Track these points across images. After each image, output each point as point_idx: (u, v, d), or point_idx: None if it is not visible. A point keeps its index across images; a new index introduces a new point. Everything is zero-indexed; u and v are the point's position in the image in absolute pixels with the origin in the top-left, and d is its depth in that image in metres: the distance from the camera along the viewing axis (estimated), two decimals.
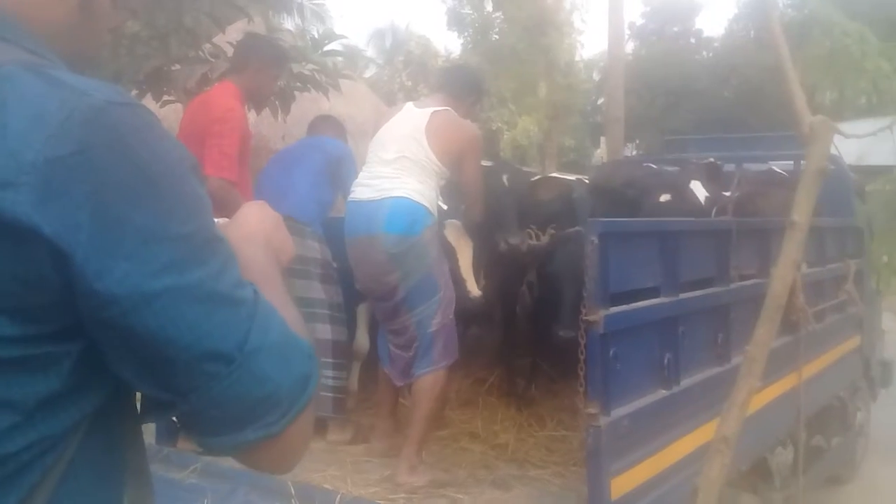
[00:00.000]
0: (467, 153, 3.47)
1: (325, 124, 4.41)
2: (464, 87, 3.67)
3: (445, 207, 3.79)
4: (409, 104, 3.63)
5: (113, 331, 0.78)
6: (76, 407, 0.81)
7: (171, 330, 0.78)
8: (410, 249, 3.28)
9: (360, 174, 3.52)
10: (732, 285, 3.24)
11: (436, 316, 3.35)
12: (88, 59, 0.98)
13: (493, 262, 3.87)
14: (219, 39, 5.14)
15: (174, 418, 0.86)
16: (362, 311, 4.12)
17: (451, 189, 3.76)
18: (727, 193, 4.41)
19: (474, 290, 3.61)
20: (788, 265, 2.61)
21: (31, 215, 0.73)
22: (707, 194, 4.09)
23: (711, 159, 4.67)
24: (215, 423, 0.83)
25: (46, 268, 0.75)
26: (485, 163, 3.92)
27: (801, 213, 2.62)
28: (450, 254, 3.59)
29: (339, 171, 3.97)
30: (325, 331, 3.76)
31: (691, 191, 4.04)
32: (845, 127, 3.05)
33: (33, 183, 0.74)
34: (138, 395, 0.89)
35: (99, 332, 0.79)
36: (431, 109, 3.46)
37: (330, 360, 3.74)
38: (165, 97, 5.06)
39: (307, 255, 3.75)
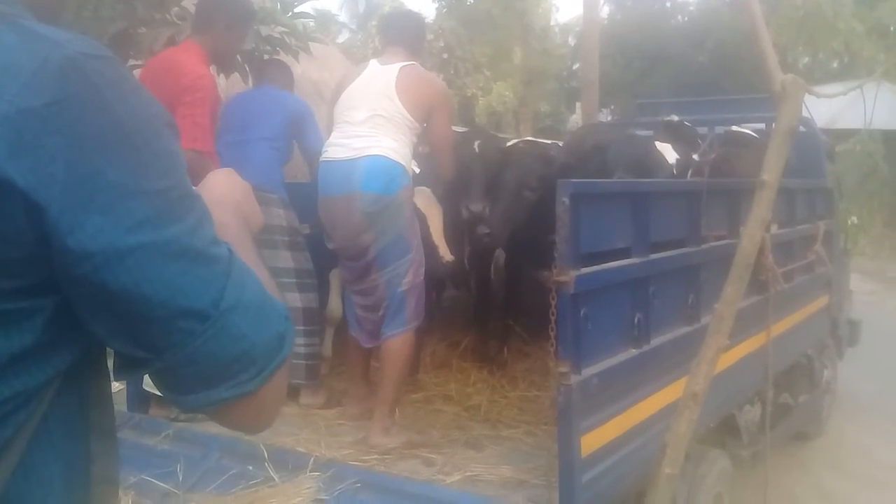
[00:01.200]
0: (437, 107, 3.46)
1: (276, 71, 4.22)
2: (415, 34, 3.66)
3: (418, 170, 3.77)
4: (373, 61, 3.59)
5: (86, 287, 0.77)
6: (49, 363, 0.80)
7: (146, 286, 0.77)
8: (386, 208, 3.28)
9: (333, 134, 3.48)
10: (703, 246, 3.26)
11: (406, 275, 3.36)
12: (53, 11, 0.95)
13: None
14: (186, 2, 5.03)
15: (147, 377, 0.86)
16: (335, 277, 4.11)
17: (426, 154, 3.75)
18: (695, 156, 4.43)
19: (447, 255, 3.62)
20: (758, 224, 2.64)
21: (5, 167, 0.72)
22: (677, 156, 4.10)
23: (675, 118, 4.67)
24: (190, 380, 0.83)
25: (20, 221, 0.74)
26: (459, 129, 3.90)
27: (771, 172, 2.64)
28: (420, 220, 3.58)
29: (299, 130, 3.91)
30: (293, 299, 3.74)
31: (659, 153, 4.04)
32: (817, 90, 3.07)
33: (5, 135, 0.72)
34: (111, 352, 0.88)
35: (72, 288, 0.78)
36: (398, 65, 3.43)
37: (301, 328, 3.72)
38: (131, 61, 4.95)
39: (272, 224, 3.69)
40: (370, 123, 3.35)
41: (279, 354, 0.87)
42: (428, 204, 3.75)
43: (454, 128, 3.78)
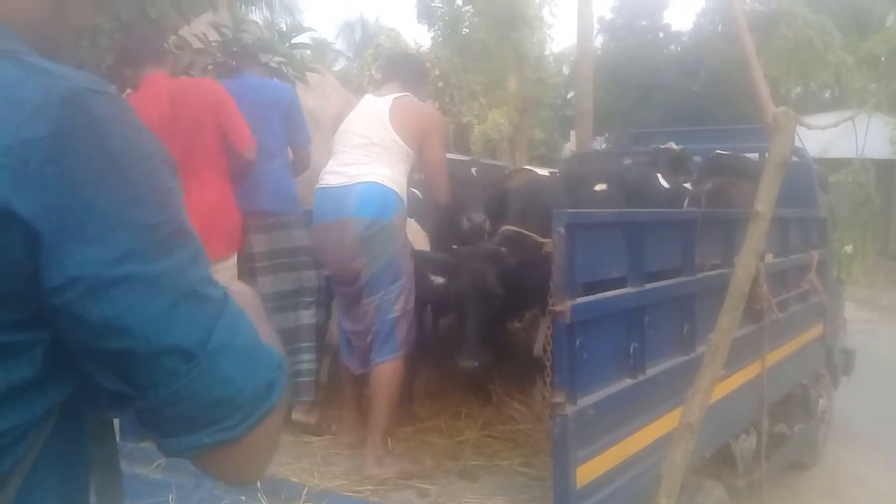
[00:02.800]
0: (430, 133, 3.51)
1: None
2: (414, 75, 3.72)
3: (420, 195, 3.80)
4: (368, 95, 3.69)
5: (70, 318, 0.77)
6: (47, 396, 0.80)
7: (129, 319, 0.77)
8: (379, 234, 3.30)
9: (329, 163, 3.52)
10: (698, 275, 3.28)
11: (398, 301, 3.36)
12: (54, 52, 0.97)
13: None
14: (184, 31, 5.07)
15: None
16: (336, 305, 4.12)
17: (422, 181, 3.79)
18: (687, 185, 4.46)
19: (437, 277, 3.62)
20: (751, 254, 2.64)
21: (8, 197, 0.73)
22: (668, 185, 4.13)
23: (672, 145, 4.71)
24: (173, 422, 0.81)
25: (20, 252, 0.74)
26: (455, 156, 3.95)
27: (764, 203, 2.65)
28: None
29: (291, 124, 3.94)
30: (309, 315, 3.83)
31: (654, 178, 4.08)
32: (809, 120, 3.10)
33: (9, 165, 0.73)
34: None
35: (57, 319, 0.77)
36: (392, 96, 3.50)
37: (312, 344, 3.81)
38: (129, 90, 4.98)
39: (295, 246, 3.81)
40: (365, 151, 3.39)
41: (266, 402, 0.84)
42: (414, 232, 3.80)
43: (451, 155, 3.83)
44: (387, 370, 3.34)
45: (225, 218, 3.58)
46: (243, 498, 2.83)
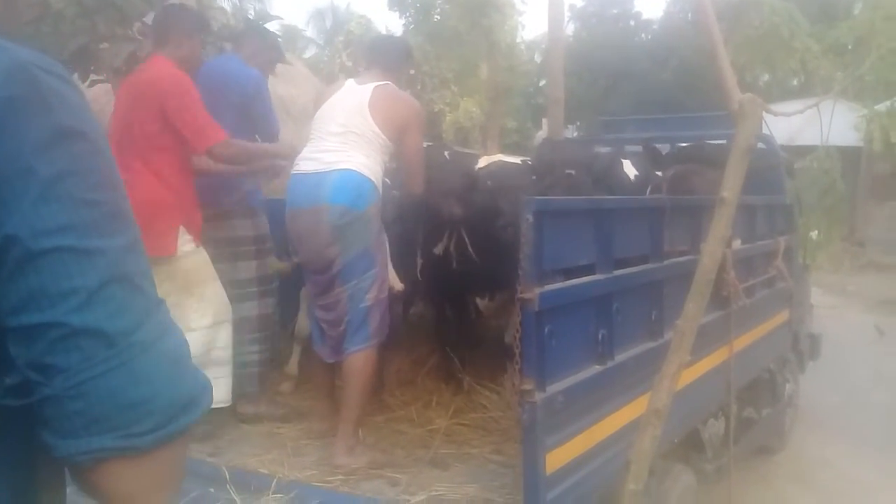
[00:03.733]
0: (410, 125, 3.49)
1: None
2: (396, 58, 3.68)
3: (390, 182, 3.78)
4: (350, 81, 3.62)
5: None
6: None
7: (53, 289, 0.73)
8: (353, 223, 3.28)
9: (305, 149, 3.48)
10: (665, 262, 3.29)
11: (371, 290, 3.35)
12: (3, 26, 0.94)
13: (429, 242, 3.87)
14: (148, 17, 4.98)
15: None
16: (305, 295, 4.08)
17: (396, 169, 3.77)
18: (659, 173, 4.49)
19: (397, 284, 3.61)
20: (718, 240, 2.66)
21: None
22: (637, 172, 4.15)
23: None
24: (74, 419, 0.74)
25: None
26: (426, 144, 3.92)
27: (730, 189, 2.67)
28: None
29: (258, 110, 3.87)
30: (252, 307, 3.81)
31: (620, 168, 4.09)
32: (775, 107, 3.12)
33: None
34: None
35: None
36: (373, 84, 3.46)
37: (256, 335, 3.81)
38: (93, 76, 4.89)
39: (237, 235, 3.76)
40: (342, 139, 3.36)
41: (184, 418, 0.79)
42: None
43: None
44: (359, 359, 3.33)
45: (160, 214, 3.37)
46: (212, 490, 2.81)
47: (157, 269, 3.39)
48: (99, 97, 6.93)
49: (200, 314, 3.46)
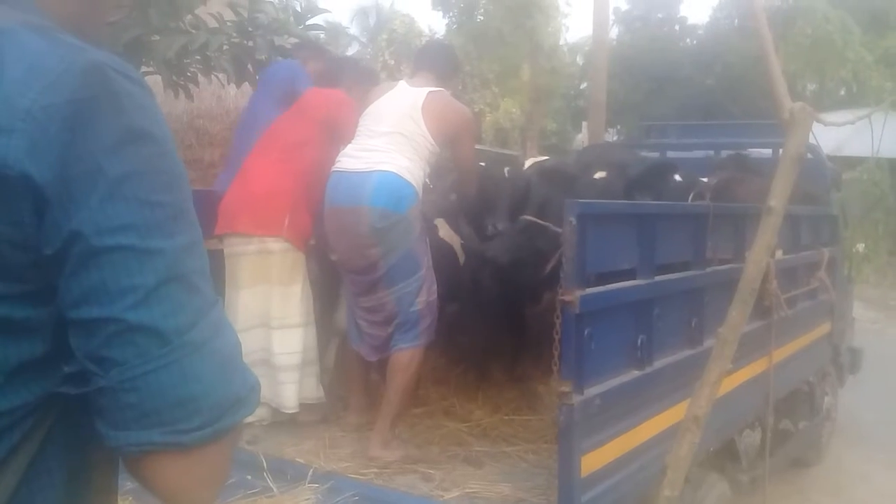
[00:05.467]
0: (463, 134, 3.53)
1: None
2: (448, 66, 3.70)
3: (431, 185, 3.81)
4: (402, 82, 3.64)
5: (60, 282, 0.76)
6: (47, 378, 0.80)
7: (113, 286, 0.76)
8: (394, 226, 3.27)
9: (349, 146, 3.47)
10: (708, 269, 3.27)
11: (420, 294, 3.35)
12: (84, 32, 0.98)
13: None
14: (200, 10, 5.07)
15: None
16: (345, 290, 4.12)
17: (440, 171, 3.83)
18: (705, 179, 4.45)
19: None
20: (763, 250, 2.64)
21: (24, 162, 0.73)
22: (679, 178, 4.12)
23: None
24: (126, 412, 0.77)
25: (29, 218, 0.75)
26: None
27: (778, 198, 2.65)
28: (450, 252, 3.81)
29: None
30: None
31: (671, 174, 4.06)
32: (825, 117, 3.09)
33: (28, 130, 0.74)
34: None
35: (48, 276, 0.77)
36: (427, 90, 3.46)
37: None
38: (144, 68, 4.99)
39: None
40: (388, 139, 3.36)
41: (230, 416, 0.81)
42: (450, 235, 3.88)
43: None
44: (405, 356, 3.35)
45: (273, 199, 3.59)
46: (249, 477, 2.86)
47: (260, 259, 3.53)
48: None
49: (287, 312, 3.55)
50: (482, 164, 4.45)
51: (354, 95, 3.82)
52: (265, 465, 2.91)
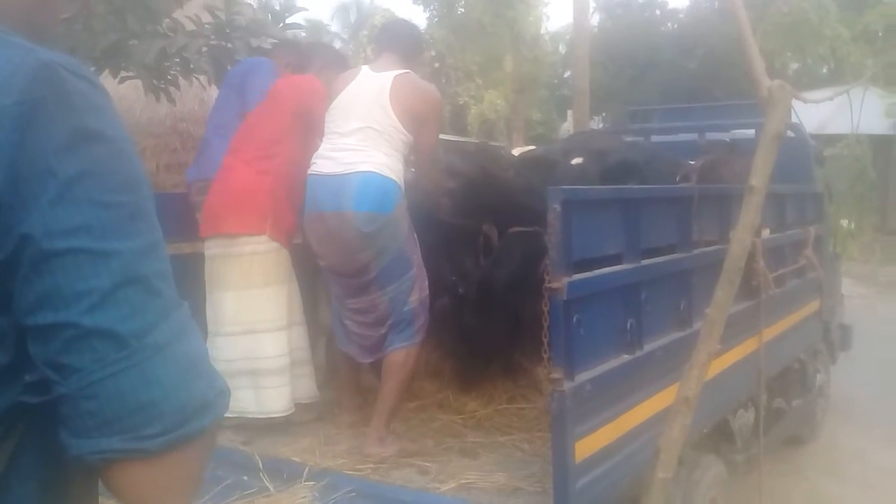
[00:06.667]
0: (430, 117, 3.37)
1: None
2: (412, 46, 3.55)
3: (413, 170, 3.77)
4: (365, 68, 3.45)
5: (15, 289, 0.75)
6: (19, 383, 0.79)
7: (67, 290, 0.74)
8: (383, 228, 3.19)
9: (322, 145, 3.37)
10: (694, 251, 3.28)
11: (412, 292, 3.32)
12: (39, 41, 0.96)
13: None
14: (178, 14, 5.05)
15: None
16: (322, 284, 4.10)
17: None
18: (692, 162, 4.47)
19: None
20: (747, 228, 2.66)
21: None
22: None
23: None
24: (86, 419, 0.75)
25: None
26: (452, 137, 3.94)
27: (759, 177, 2.66)
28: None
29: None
30: None
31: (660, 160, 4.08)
32: (805, 95, 3.10)
33: None
34: None
35: (4, 283, 0.75)
36: (393, 73, 3.31)
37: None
38: (123, 73, 4.96)
39: None
40: (360, 136, 3.23)
41: (195, 421, 0.78)
42: None
43: (445, 136, 3.81)
44: (401, 356, 3.31)
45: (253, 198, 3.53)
46: (245, 478, 2.86)
47: (240, 260, 3.48)
48: (128, 94, 7.03)
49: (276, 314, 3.48)
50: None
51: (324, 78, 3.70)
52: (261, 465, 2.91)
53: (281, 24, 5.21)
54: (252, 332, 3.46)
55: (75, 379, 0.74)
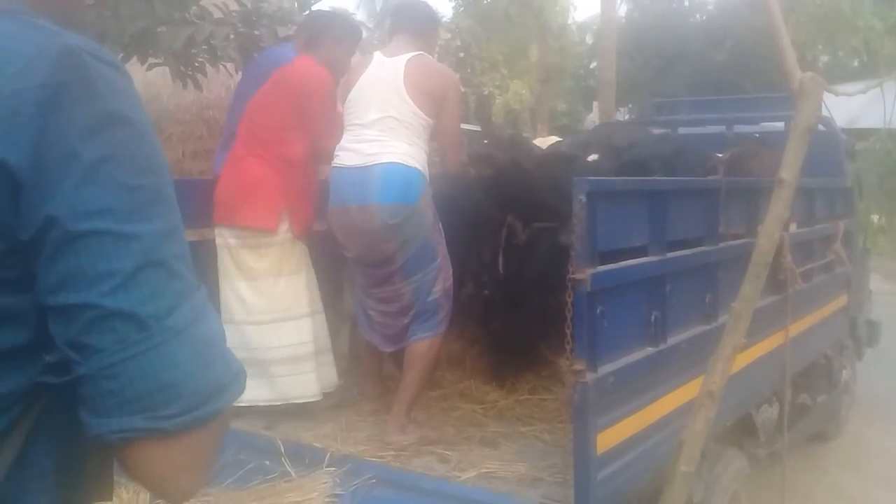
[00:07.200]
0: (449, 98, 3.31)
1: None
2: (425, 23, 3.49)
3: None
4: (377, 54, 3.40)
5: (37, 262, 0.76)
6: (41, 361, 0.80)
7: (90, 271, 0.75)
8: (409, 218, 3.19)
9: (343, 137, 3.36)
10: (720, 245, 3.25)
11: (437, 282, 3.32)
12: (63, 18, 0.97)
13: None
14: (205, 1, 5.06)
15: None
16: (348, 275, 4.11)
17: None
18: (720, 154, 4.42)
19: None
20: (775, 222, 2.62)
21: None
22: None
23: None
24: (107, 399, 0.77)
25: (5, 203, 0.74)
26: (470, 127, 3.90)
27: (789, 170, 2.62)
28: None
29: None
30: None
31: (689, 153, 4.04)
32: (837, 87, 3.05)
33: (0, 114, 0.74)
34: None
35: (27, 263, 0.76)
36: (405, 57, 3.28)
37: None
38: (151, 60, 4.99)
39: None
40: (381, 126, 3.22)
41: (211, 404, 0.80)
42: None
43: (469, 126, 3.78)
44: (424, 345, 3.32)
45: (264, 193, 3.47)
46: (267, 462, 2.89)
47: (256, 251, 3.48)
48: (156, 80, 7.08)
49: (297, 302, 3.48)
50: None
51: (338, 52, 3.61)
52: (282, 449, 2.93)
53: (307, 13, 5.20)
54: (269, 321, 3.46)
55: (96, 359, 0.76)
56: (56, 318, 0.77)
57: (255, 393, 3.30)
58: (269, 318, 3.47)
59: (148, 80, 7.02)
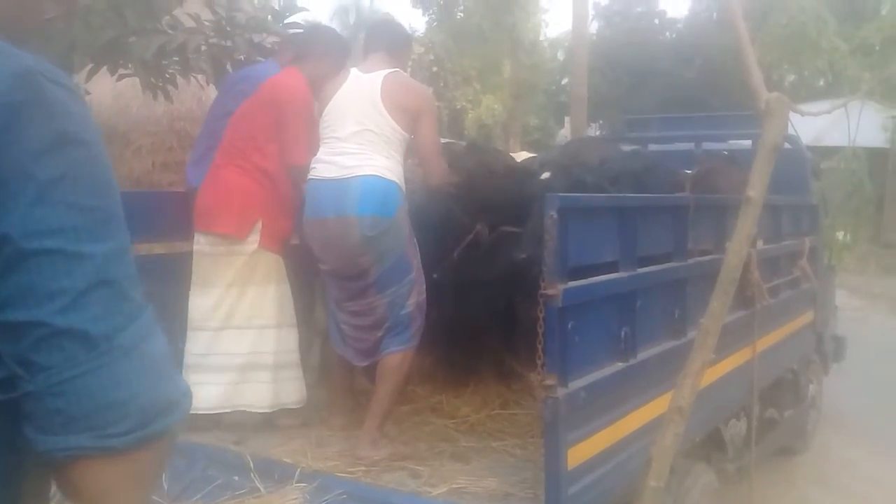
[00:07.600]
0: (424, 113, 3.36)
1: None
2: (400, 42, 3.58)
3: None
4: (354, 70, 3.45)
5: None
6: None
7: (41, 289, 0.76)
8: (386, 231, 3.20)
9: (320, 150, 3.37)
10: (690, 261, 3.29)
11: (410, 296, 3.32)
12: (20, 42, 0.97)
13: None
14: (177, 11, 5.03)
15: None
16: (319, 287, 4.08)
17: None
18: (688, 171, 4.47)
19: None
20: (743, 239, 2.66)
21: None
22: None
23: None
24: (54, 416, 0.77)
25: None
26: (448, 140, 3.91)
27: (756, 187, 2.66)
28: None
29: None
30: None
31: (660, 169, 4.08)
32: (802, 107, 3.11)
33: None
34: None
35: None
36: (382, 73, 3.34)
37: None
38: (121, 70, 4.94)
39: None
40: (359, 139, 3.24)
41: (160, 420, 0.81)
42: None
43: (444, 139, 3.78)
44: (397, 359, 3.31)
45: (240, 202, 3.47)
46: (236, 478, 2.86)
47: (227, 258, 3.46)
48: (126, 91, 7.01)
49: (259, 312, 3.46)
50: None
51: (326, 66, 3.62)
52: (252, 465, 2.90)
53: (281, 24, 5.19)
54: (237, 326, 3.46)
55: (44, 377, 0.76)
56: (4, 334, 0.77)
57: (205, 400, 3.30)
58: (233, 324, 3.46)
59: (118, 90, 6.96)
